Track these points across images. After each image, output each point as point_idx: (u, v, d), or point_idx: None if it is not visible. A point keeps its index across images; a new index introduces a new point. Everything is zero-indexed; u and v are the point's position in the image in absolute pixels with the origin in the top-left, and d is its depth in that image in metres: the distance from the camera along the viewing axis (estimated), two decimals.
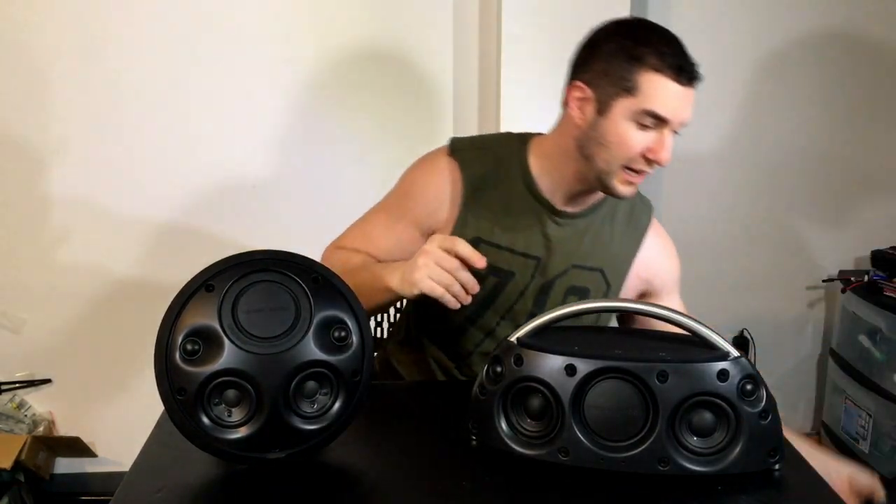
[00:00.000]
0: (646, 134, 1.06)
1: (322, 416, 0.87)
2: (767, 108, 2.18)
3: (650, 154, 1.06)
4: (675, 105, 1.04)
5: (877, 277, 2.06)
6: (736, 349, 0.84)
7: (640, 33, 1.06)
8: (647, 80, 1.03)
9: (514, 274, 1.19)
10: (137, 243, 2.08)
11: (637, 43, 1.04)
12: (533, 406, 0.87)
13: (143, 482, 0.86)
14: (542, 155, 1.18)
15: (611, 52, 1.06)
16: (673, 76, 1.03)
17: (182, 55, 1.98)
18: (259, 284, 0.86)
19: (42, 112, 1.97)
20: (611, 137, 1.07)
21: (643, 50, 1.03)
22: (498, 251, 1.18)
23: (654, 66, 1.02)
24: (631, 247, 1.25)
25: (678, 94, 1.04)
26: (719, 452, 0.83)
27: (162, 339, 0.83)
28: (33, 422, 2.12)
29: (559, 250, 1.19)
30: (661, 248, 1.28)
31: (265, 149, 2.07)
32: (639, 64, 1.03)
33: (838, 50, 2.15)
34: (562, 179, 1.16)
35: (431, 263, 1.01)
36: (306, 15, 1.99)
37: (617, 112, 1.06)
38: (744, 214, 2.24)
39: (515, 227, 1.18)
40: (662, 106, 1.03)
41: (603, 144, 1.08)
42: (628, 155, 1.07)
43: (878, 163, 2.26)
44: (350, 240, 1.27)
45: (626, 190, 1.11)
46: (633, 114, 1.05)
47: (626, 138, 1.06)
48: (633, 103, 1.04)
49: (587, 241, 1.21)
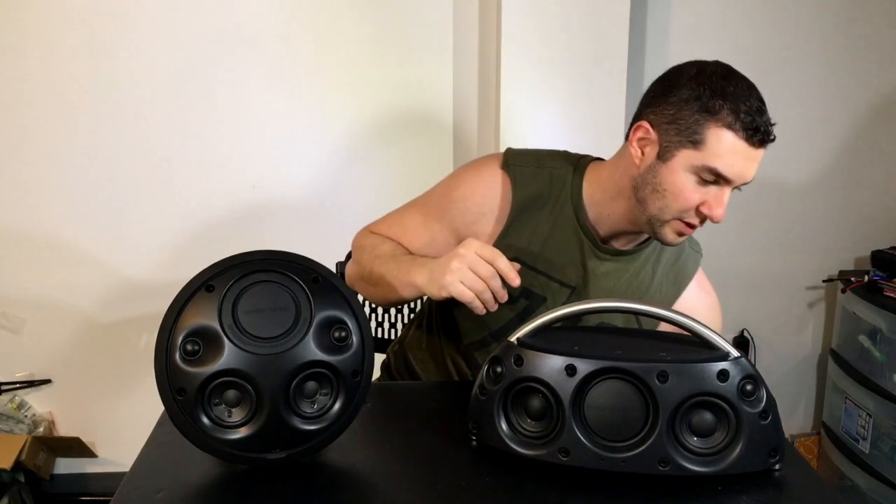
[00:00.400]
0: (705, 189, 1.02)
1: (322, 416, 0.87)
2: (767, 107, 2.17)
3: (704, 209, 1.03)
4: (741, 166, 1.00)
5: (877, 277, 2.06)
6: (736, 349, 0.84)
7: (720, 84, 0.99)
8: (716, 137, 0.98)
9: (546, 299, 1.16)
10: (137, 243, 2.08)
11: (714, 95, 0.98)
12: (533, 406, 0.87)
13: (144, 482, 0.86)
14: (597, 185, 1.14)
15: (684, 98, 1.00)
16: (745, 136, 0.98)
17: (182, 56, 1.98)
18: (259, 285, 0.86)
19: (42, 112, 1.97)
20: (668, 186, 1.03)
21: (719, 103, 0.98)
22: (535, 275, 1.15)
23: (727, 124, 0.98)
24: (671, 293, 1.21)
25: (746, 155, 0.99)
26: (719, 453, 0.83)
27: (162, 339, 0.83)
28: (33, 422, 2.12)
29: (596, 285, 1.16)
30: (703, 300, 1.23)
31: (265, 149, 2.07)
32: (711, 118, 0.98)
33: (840, 47, 2.15)
34: (611, 214, 1.13)
35: (465, 268, 0.98)
36: (306, 15, 1.99)
37: (678, 162, 1.02)
38: (744, 214, 2.24)
39: (556, 254, 1.15)
40: (727, 166, 0.99)
41: (658, 192, 1.04)
42: (683, 207, 1.04)
43: (878, 162, 2.26)
44: (385, 227, 1.23)
45: (675, 239, 1.08)
46: (694, 168, 1.01)
47: (684, 190, 1.02)
48: (697, 157, 1.00)
49: (626, 280, 1.17)
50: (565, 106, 1.84)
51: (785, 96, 2.17)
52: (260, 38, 2.00)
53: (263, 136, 2.06)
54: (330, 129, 2.08)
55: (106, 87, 1.97)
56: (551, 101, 1.84)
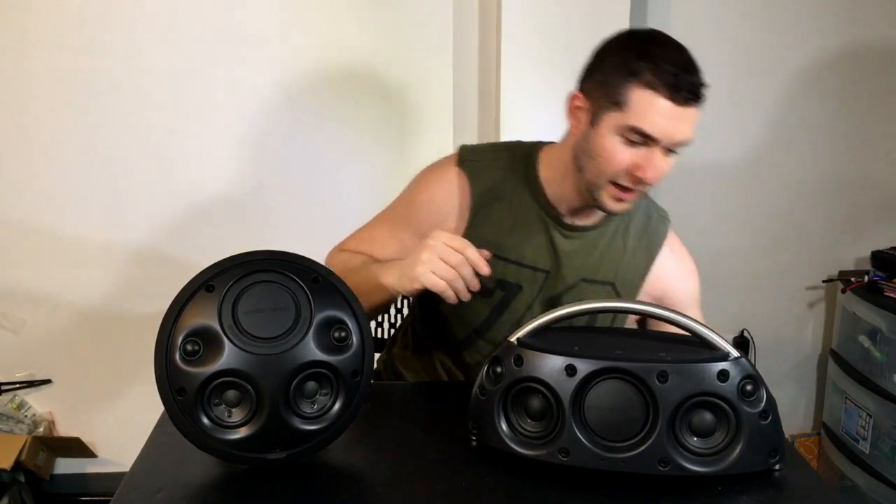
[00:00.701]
0: (634, 150, 1.03)
1: (322, 416, 0.87)
2: (768, 108, 2.18)
3: (637, 171, 1.03)
4: (666, 125, 1.00)
5: (877, 278, 2.06)
6: (736, 349, 0.84)
7: (645, 47, 1.01)
8: (637, 97, 0.99)
9: (522, 287, 1.17)
10: (138, 243, 2.08)
11: (638, 57, 1.00)
12: (533, 406, 0.87)
13: (143, 482, 0.86)
14: (550, 165, 1.16)
15: (612, 64, 1.03)
16: (667, 94, 0.98)
17: (182, 55, 1.98)
18: (259, 285, 0.86)
19: (42, 112, 1.97)
20: (598, 150, 1.05)
21: (641, 65, 0.99)
22: (506, 264, 1.16)
23: (648, 83, 0.98)
24: (644, 261, 1.22)
25: (669, 112, 0.99)
26: (719, 453, 0.83)
27: (162, 339, 0.83)
28: (33, 422, 2.12)
29: (568, 264, 1.17)
30: (677, 264, 1.24)
31: (266, 149, 2.07)
32: (633, 79, 0.99)
33: (840, 47, 2.15)
34: (567, 191, 1.14)
35: (435, 258, 0.99)
36: (306, 15, 1.99)
37: (606, 125, 1.03)
38: (744, 215, 2.24)
39: (523, 240, 1.16)
40: (650, 125, 1.00)
41: (592, 157, 1.06)
42: (614, 170, 1.04)
43: (878, 163, 2.26)
44: (354, 243, 1.27)
45: (614, 205, 1.09)
46: (620, 129, 1.02)
47: (613, 152, 1.03)
48: (621, 118, 1.01)
49: (597, 255, 1.19)
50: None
51: (785, 96, 2.17)
52: (260, 38, 2.00)
53: (263, 135, 2.06)
54: (330, 129, 2.08)
55: (106, 86, 1.97)
56: (551, 101, 1.84)
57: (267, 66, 2.02)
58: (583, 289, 1.18)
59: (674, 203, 2.21)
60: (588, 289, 1.19)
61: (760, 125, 2.18)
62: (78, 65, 1.95)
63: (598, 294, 1.19)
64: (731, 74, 2.12)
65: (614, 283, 1.20)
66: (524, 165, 1.17)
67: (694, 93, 1.00)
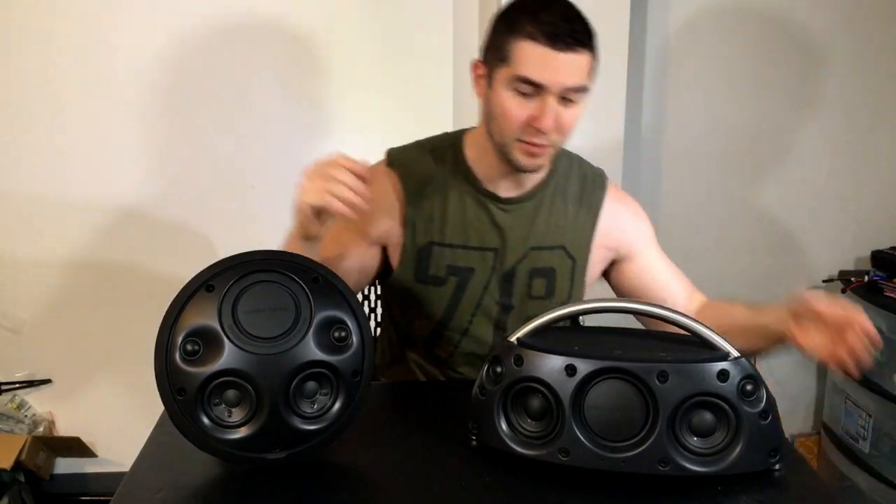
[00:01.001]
0: (528, 103, 1.05)
1: (322, 416, 0.87)
2: (768, 107, 2.18)
3: (534, 123, 1.05)
4: (551, 71, 1.02)
5: (877, 277, 2.05)
6: (736, 349, 0.84)
7: (524, 3, 1.05)
8: (519, 48, 1.03)
9: (474, 269, 1.19)
10: (138, 243, 2.08)
11: (517, 13, 1.04)
12: (533, 406, 0.87)
13: (144, 482, 0.86)
14: (474, 145, 1.19)
15: (498, 27, 1.07)
16: (546, 42, 1.01)
17: (180, 53, 1.98)
18: (259, 285, 0.86)
19: (41, 112, 1.97)
20: (497, 109, 1.07)
21: (521, 18, 1.03)
22: (453, 250, 1.18)
23: (527, 34, 1.02)
24: (589, 218, 1.23)
25: (551, 59, 1.02)
26: (719, 453, 0.83)
27: (162, 339, 0.83)
28: (33, 422, 2.12)
29: (513, 236, 1.19)
30: (622, 212, 1.26)
31: (265, 148, 2.07)
32: (515, 33, 1.03)
33: (840, 47, 2.14)
34: (493, 165, 1.16)
35: (313, 179, 0.98)
36: (306, 15, 1.99)
37: (498, 83, 1.06)
38: (743, 215, 2.24)
39: (465, 223, 1.18)
40: (533, 71, 1.02)
41: (494, 117, 1.09)
42: (514, 125, 1.06)
43: (878, 162, 2.25)
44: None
45: (528, 161, 1.10)
46: (509, 82, 1.04)
47: (508, 108, 1.06)
48: (508, 71, 1.04)
49: (540, 221, 1.20)
50: None
51: (785, 96, 2.17)
52: (260, 38, 1.99)
53: (263, 136, 2.06)
54: (330, 129, 2.08)
55: (105, 87, 1.97)
56: None
57: (267, 66, 2.02)
58: (533, 257, 1.20)
59: (674, 203, 2.22)
60: (538, 256, 1.20)
61: (761, 125, 2.18)
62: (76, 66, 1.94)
63: (550, 259, 1.21)
64: (730, 74, 2.12)
65: (564, 246, 1.22)
66: (452, 152, 1.20)
67: (574, 38, 1.02)
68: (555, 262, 1.21)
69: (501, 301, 1.21)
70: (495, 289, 1.20)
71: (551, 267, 1.21)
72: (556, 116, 1.05)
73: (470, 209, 1.18)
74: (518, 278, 1.20)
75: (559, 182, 1.22)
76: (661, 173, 2.18)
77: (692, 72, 2.09)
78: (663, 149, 2.15)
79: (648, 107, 2.11)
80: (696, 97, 2.11)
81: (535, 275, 1.21)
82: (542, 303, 1.21)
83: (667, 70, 2.08)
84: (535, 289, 1.21)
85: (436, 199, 1.19)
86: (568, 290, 1.23)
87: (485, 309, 1.21)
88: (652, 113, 2.11)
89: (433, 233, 1.18)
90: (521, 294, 1.21)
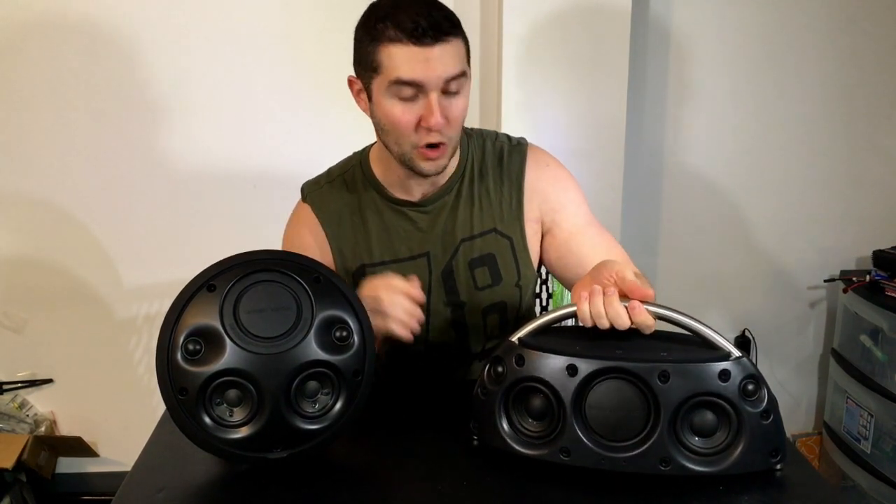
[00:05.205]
0: (412, 105, 1.03)
1: (323, 415, 0.87)
2: (769, 107, 2.17)
3: (424, 123, 1.03)
4: (424, 68, 1.00)
5: (878, 277, 2.05)
6: (737, 349, 0.84)
7: (379, 11, 1.03)
8: (387, 55, 1.01)
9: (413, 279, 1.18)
10: (139, 243, 2.08)
11: (376, 21, 1.02)
12: (534, 406, 0.87)
13: (145, 482, 0.86)
14: (378, 160, 1.19)
15: (360, 38, 1.05)
16: (411, 40, 0.99)
17: (183, 53, 1.98)
18: (260, 284, 0.86)
19: (43, 113, 1.98)
20: (384, 119, 1.06)
21: (379, 26, 1.01)
22: (385, 267, 1.18)
23: (390, 39, 1.00)
24: (515, 193, 1.19)
25: (420, 55, 1.00)
26: (721, 452, 0.83)
27: (164, 338, 0.83)
28: (35, 422, 2.12)
29: (440, 235, 1.18)
30: (540, 177, 1.20)
31: (265, 148, 2.07)
32: (377, 40, 1.01)
33: (840, 46, 2.14)
34: (399, 175, 1.15)
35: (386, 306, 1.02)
36: (307, 14, 1.99)
37: (377, 93, 1.04)
38: (745, 214, 2.24)
39: (389, 238, 1.18)
40: (407, 71, 1.00)
41: (384, 129, 1.07)
42: (405, 132, 1.05)
43: (879, 162, 2.25)
44: None
45: (429, 167, 1.08)
46: (388, 90, 1.02)
47: (395, 115, 1.04)
48: (383, 80, 1.02)
49: (462, 211, 1.18)
50: (566, 106, 1.84)
51: (785, 96, 2.16)
52: (261, 39, 2.00)
53: (264, 136, 2.06)
54: (330, 129, 2.08)
55: (106, 87, 1.97)
56: (552, 102, 1.84)
57: (268, 66, 2.02)
58: (467, 248, 1.18)
59: (674, 203, 2.22)
60: (472, 245, 1.18)
61: (761, 124, 2.18)
62: (78, 66, 1.95)
63: (485, 245, 1.19)
64: (731, 74, 2.12)
65: (496, 228, 1.19)
66: (360, 171, 1.20)
67: (437, 29, 1.00)
68: (491, 247, 1.19)
69: (449, 300, 1.19)
70: (440, 290, 1.19)
71: (489, 253, 1.19)
72: (444, 111, 1.03)
73: (390, 222, 1.18)
74: (458, 274, 1.19)
75: (473, 166, 1.20)
76: (661, 174, 2.18)
77: (693, 72, 2.09)
78: (664, 149, 2.16)
79: (649, 106, 2.11)
80: (697, 97, 2.11)
81: (475, 265, 1.19)
82: (492, 290, 1.19)
83: (668, 70, 2.08)
84: (480, 279, 1.19)
85: (356, 222, 1.19)
86: (515, 271, 1.20)
87: (434, 314, 1.20)
88: (652, 113, 2.11)
89: (361, 255, 1.18)
90: (466, 288, 1.19)
